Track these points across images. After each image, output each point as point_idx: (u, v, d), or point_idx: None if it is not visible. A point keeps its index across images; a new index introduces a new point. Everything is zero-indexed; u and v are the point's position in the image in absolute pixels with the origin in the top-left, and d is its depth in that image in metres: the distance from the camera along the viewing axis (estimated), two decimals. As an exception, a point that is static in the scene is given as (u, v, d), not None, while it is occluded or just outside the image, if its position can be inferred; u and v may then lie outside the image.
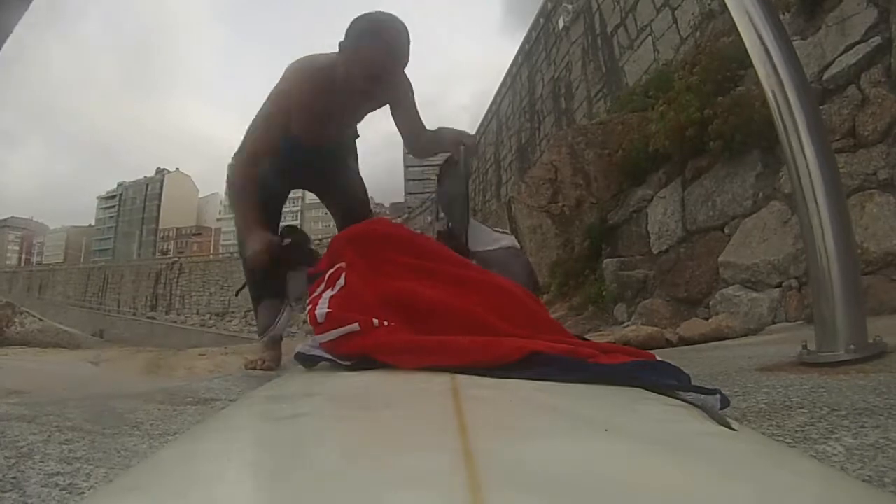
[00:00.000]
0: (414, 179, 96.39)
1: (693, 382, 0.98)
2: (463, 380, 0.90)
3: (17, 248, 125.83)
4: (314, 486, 0.48)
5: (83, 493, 0.95)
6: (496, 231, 2.68)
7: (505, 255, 2.49)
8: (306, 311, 1.60)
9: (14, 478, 0.98)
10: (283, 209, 3.26)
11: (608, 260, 7.37)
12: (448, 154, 2.86)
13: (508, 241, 2.64)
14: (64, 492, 0.94)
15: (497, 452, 0.51)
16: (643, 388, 0.88)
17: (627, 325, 5.64)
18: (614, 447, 0.54)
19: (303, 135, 2.89)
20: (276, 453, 0.59)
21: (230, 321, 45.02)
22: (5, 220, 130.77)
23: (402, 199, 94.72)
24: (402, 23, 2.69)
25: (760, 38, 2.14)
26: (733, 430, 0.62)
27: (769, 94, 2.14)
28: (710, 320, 4.92)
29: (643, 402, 0.80)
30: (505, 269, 2.25)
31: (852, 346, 1.93)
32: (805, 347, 2.07)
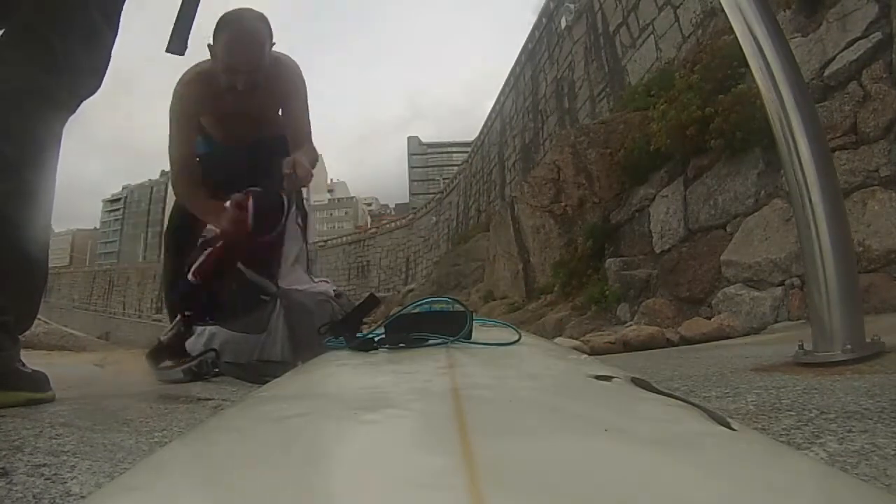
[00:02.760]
0: (418, 180, 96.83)
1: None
2: (463, 380, 0.89)
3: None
4: (314, 486, 0.47)
5: (65, 482, 0.99)
6: (317, 280, 2.91)
7: (310, 298, 2.72)
8: None
9: (3, 468, 1.02)
10: None
11: (611, 259, 7.39)
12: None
13: (323, 287, 2.86)
14: (48, 481, 0.98)
15: (497, 452, 0.50)
16: (643, 388, 0.87)
17: (629, 325, 5.63)
18: (614, 447, 0.53)
19: (216, 136, 3.11)
20: (276, 453, 0.58)
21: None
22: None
23: (406, 201, 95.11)
24: (249, 16, 2.82)
25: (755, 36, 2.13)
26: (733, 430, 0.61)
27: (765, 93, 2.13)
28: (712, 319, 4.91)
29: (643, 402, 0.78)
30: (304, 310, 2.59)
31: (849, 346, 1.91)
32: (801, 347, 2.05)
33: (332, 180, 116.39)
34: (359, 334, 1.34)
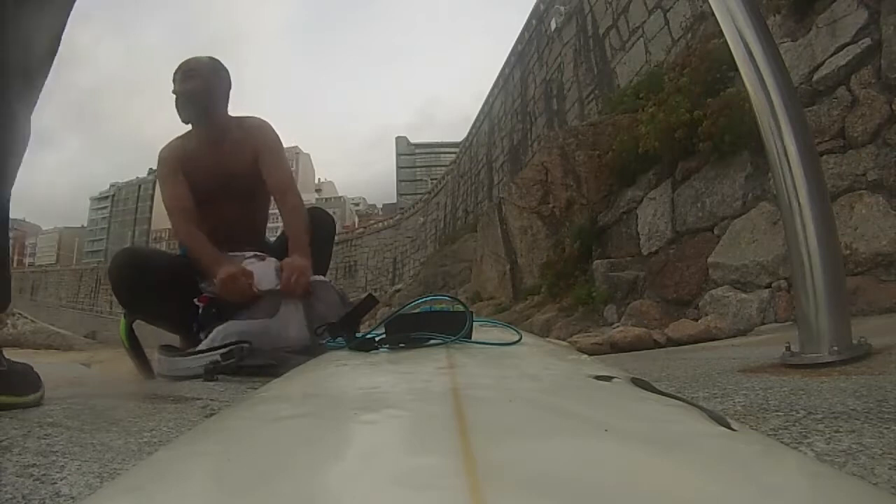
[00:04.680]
0: (406, 181, 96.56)
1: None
2: (463, 380, 0.90)
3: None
4: (314, 486, 0.48)
5: (55, 483, 0.98)
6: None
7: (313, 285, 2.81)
8: None
9: (-9, 469, 1.02)
10: None
11: (598, 261, 7.38)
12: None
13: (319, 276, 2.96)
14: (37, 482, 0.98)
15: (497, 453, 0.51)
16: (643, 388, 0.88)
17: (617, 326, 5.64)
18: (614, 447, 0.54)
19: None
20: (276, 454, 0.59)
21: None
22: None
23: (394, 201, 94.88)
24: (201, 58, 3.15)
25: (744, 40, 2.14)
26: (733, 430, 0.61)
27: (754, 97, 2.14)
28: (699, 321, 4.92)
29: (643, 402, 0.79)
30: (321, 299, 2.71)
31: (835, 348, 1.92)
32: (788, 349, 2.06)
33: (319, 180, 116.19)
34: (357, 334, 1.34)
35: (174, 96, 3.02)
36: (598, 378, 0.90)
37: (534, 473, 0.46)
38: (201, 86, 3.04)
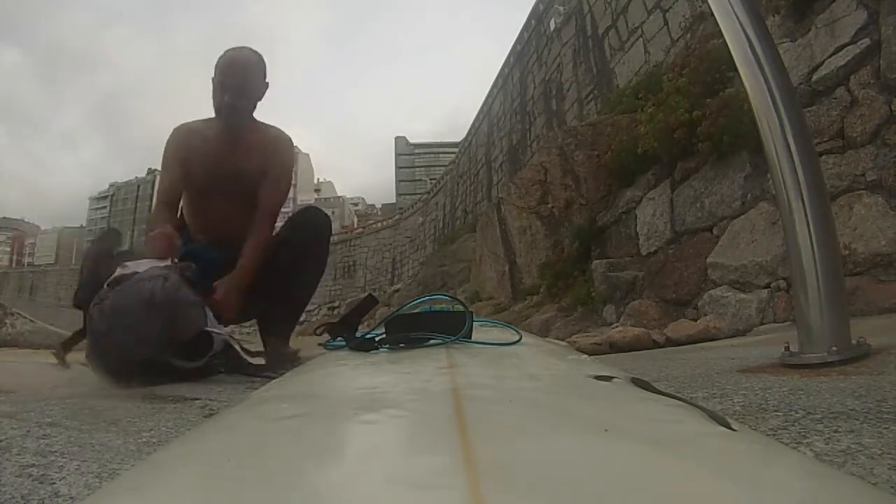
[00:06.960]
0: (405, 181, 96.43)
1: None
2: (463, 380, 0.90)
3: (7, 248, 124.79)
4: (314, 486, 0.48)
5: (54, 483, 0.98)
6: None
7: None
8: None
9: (-10, 469, 1.01)
10: None
11: (597, 261, 7.36)
12: None
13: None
14: (36, 482, 0.98)
15: (497, 453, 0.51)
16: (643, 388, 0.88)
17: (616, 326, 5.63)
18: (614, 447, 0.54)
19: (199, 188, 3.20)
20: (276, 454, 0.59)
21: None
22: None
23: (393, 201, 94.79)
24: (247, 49, 3.15)
25: (744, 41, 2.15)
26: (733, 430, 0.62)
27: (753, 98, 2.15)
28: (697, 321, 4.92)
29: (643, 402, 0.79)
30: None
31: (834, 348, 1.92)
32: (787, 349, 2.07)
33: (318, 180, 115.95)
34: (357, 334, 1.34)
35: (213, 80, 3.02)
36: (598, 378, 0.90)
37: (534, 473, 0.46)
38: (249, 79, 3.06)
